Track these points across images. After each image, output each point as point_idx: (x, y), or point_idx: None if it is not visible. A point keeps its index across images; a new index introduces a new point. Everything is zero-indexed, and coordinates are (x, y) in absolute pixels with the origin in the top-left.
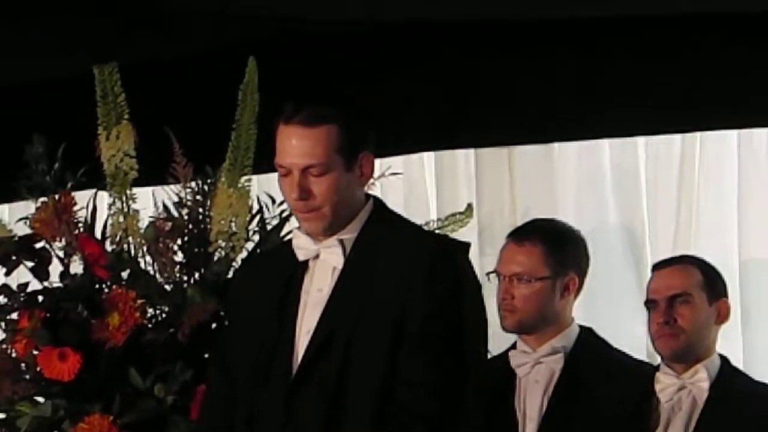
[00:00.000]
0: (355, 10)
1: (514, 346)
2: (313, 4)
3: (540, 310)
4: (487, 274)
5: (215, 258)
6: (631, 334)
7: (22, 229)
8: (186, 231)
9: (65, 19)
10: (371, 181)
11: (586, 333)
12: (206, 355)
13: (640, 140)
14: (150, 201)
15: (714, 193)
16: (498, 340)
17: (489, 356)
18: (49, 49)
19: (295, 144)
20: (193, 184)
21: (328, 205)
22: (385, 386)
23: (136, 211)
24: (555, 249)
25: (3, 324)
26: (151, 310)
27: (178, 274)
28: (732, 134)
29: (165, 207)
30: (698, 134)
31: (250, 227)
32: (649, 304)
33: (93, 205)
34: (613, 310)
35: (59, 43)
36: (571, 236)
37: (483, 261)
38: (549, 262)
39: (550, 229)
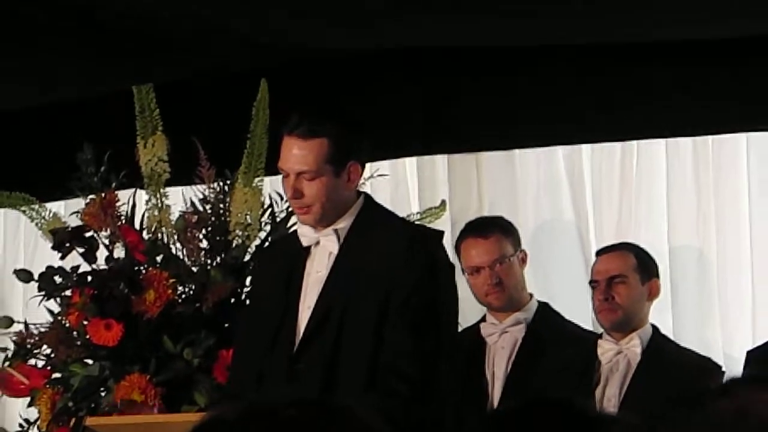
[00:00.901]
0: (352, 39)
1: (483, 319)
2: (316, 35)
3: (519, 283)
4: (463, 272)
5: (233, 245)
6: (579, 307)
7: (75, 221)
8: (209, 223)
9: (110, 45)
10: (362, 181)
11: (544, 307)
12: (227, 325)
13: (587, 148)
14: (180, 198)
15: (648, 193)
16: (467, 315)
17: (460, 328)
18: (95, 71)
19: (293, 153)
20: (215, 184)
21: (317, 204)
22: (374, 352)
23: (168, 207)
24: (508, 233)
25: (59, 299)
26: (180, 288)
27: (203, 258)
28: (661, 143)
29: (192, 203)
30: (635, 143)
31: (262, 219)
32: (593, 283)
33: (133, 201)
34: (565, 287)
35: (104, 66)
36: (509, 222)
37: (454, 245)
38: (510, 242)
39: (495, 220)
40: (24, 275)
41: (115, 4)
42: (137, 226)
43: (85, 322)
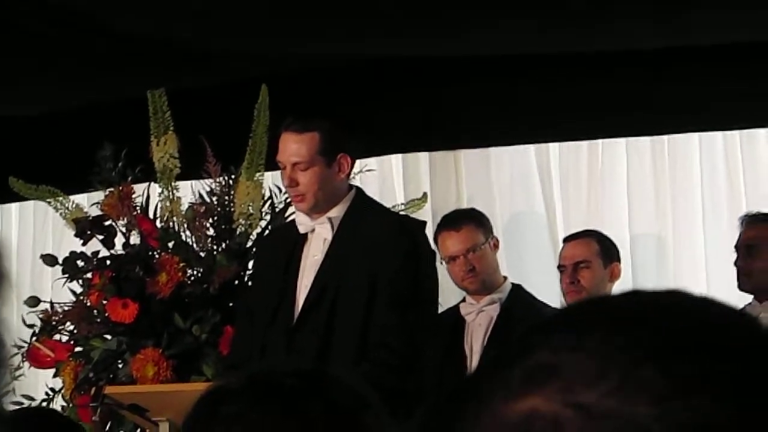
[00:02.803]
0: (344, 49)
1: (463, 300)
2: (312, 45)
3: (491, 268)
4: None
5: (237, 232)
6: (548, 289)
7: (95, 212)
8: (215, 213)
9: (128, 56)
10: (353, 175)
11: (517, 288)
12: (231, 304)
13: (556, 146)
14: (189, 191)
15: (611, 186)
16: (449, 297)
17: (443, 308)
18: (114, 78)
19: (289, 146)
20: (220, 178)
21: (310, 192)
22: (364, 327)
23: (179, 198)
24: (479, 223)
25: (81, 281)
26: (189, 271)
27: (209, 245)
28: (621, 141)
29: (200, 195)
30: (600, 141)
31: (263, 210)
32: (561, 268)
33: (147, 193)
34: (536, 271)
35: (122, 73)
36: (480, 212)
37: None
38: (481, 232)
39: (466, 212)
40: (49, 260)
41: (133, 20)
42: (151, 215)
43: (105, 302)
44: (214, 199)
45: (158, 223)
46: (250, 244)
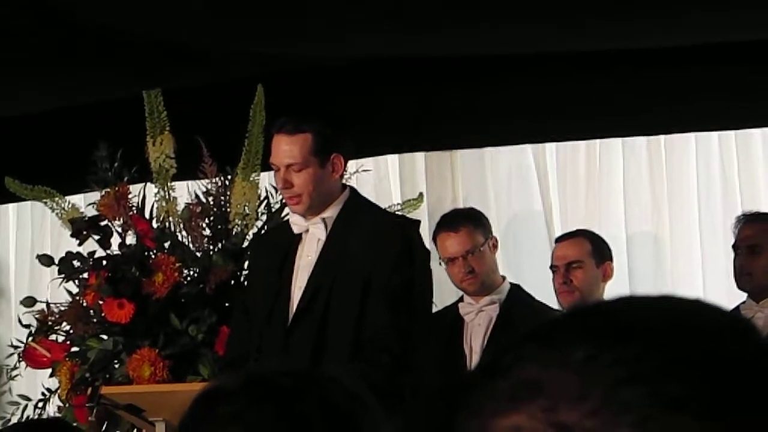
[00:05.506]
0: (340, 50)
1: (461, 299)
2: (307, 46)
3: (490, 269)
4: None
5: (233, 233)
6: (546, 288)
7: (91, 212)
8: (211, 213)
9: (124, 56)
10: (348, 175)
11: (515, 288)
12: (227, 304)
13: (552, 146)
14: (185, 191)
15: (608, 186)
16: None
17: (442, 307)
18: (110, 79)
19: (281, 148)
20: (216, 178)
21: (306, 193)
22: (357, 327)
23: (175, 198)
24: (479, 223)
25: (76, 281)
26: (186, 271)
27: (206, 245)
28: (618, 141)
29: (196, 195)
30: (598, 141)
31: (259, 210)
32: (553, 268)
33: (143, 194)
34: (533, 271)
35: (118, 74)
36: (479, 212)
37: (431, 235)
38: (480, 232)
39: (465, 212)
40: (45, 260)
41: (130, 20)
42: (147, 215)
43: (101, 302)
44: (210, 199)
45: (154, 224)
46: (246, 244)
